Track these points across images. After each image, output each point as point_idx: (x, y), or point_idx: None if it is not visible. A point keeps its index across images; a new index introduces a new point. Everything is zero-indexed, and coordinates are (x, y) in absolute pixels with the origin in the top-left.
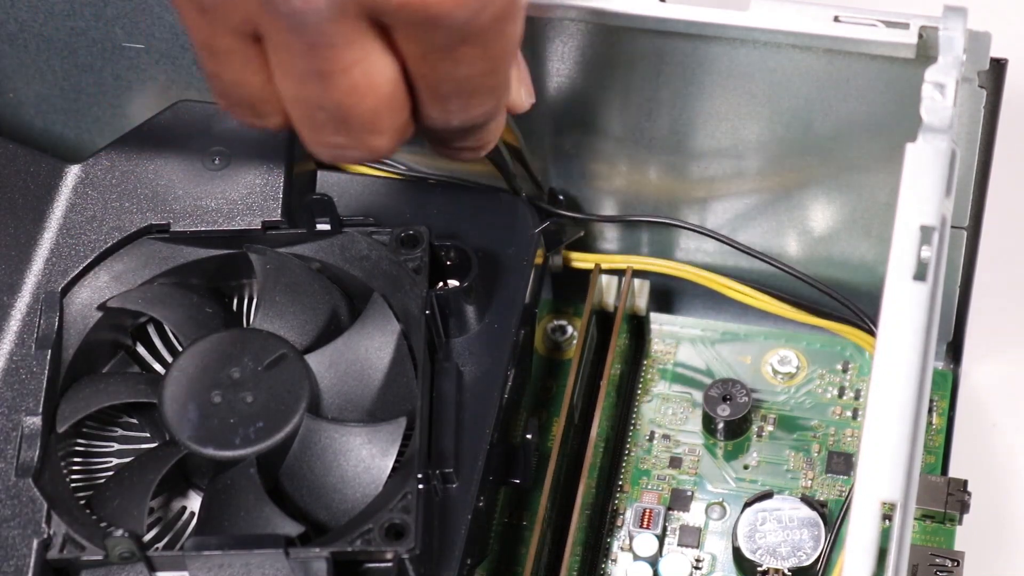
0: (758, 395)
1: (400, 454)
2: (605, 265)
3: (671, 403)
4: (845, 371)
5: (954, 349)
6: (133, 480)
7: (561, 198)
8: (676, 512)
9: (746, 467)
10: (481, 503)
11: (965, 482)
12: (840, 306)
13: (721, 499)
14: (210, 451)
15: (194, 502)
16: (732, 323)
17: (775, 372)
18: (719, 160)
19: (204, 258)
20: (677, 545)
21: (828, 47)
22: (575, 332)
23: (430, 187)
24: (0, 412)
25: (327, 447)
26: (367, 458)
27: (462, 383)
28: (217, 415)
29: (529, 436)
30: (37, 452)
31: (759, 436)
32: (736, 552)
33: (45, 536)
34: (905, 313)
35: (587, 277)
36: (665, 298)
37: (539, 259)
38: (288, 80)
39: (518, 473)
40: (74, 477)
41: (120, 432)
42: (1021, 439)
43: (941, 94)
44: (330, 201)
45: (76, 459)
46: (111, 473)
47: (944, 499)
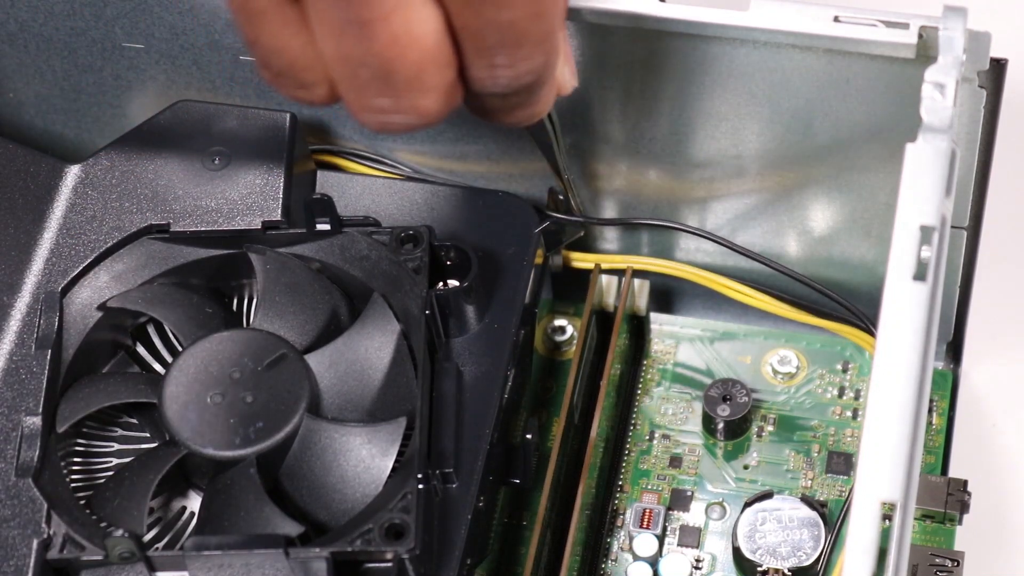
0: (758, 395)
1: (400, 454)
2: (605, 265)
3: (671, 403)
4: (845, 371)
5: (954, 349)
6: (133, 480)
7: (561, 198)
8: (676, 512)
9: (746, 467)
10: (481, 503)
11: (965, 482)
12: (840, 307)
13: (721, 499)
14: (210, 451)
15: (194, 502)
16: (732, 323)
17: (775, 372)
18: (719, 160)
19: (204, 258)
20: (677, 545)
21: (828, 47)
22: (575, 332)
23: (430, 187)
24: (0, 412)
25: (327, 447)
26: (367, 458)
27: (462, 383)
28: (217, 415)
29: (529, 436)
30: (37, 452)
31: (759, 436)
32: (736, 552)
33: (45, 536)
34: (905, 313)
35: (587, 277)
36: (665, 298)
37: (539, 259)
38: (328, 35)
39: (518, 473)
40: (74, 477)
41: (120, 432)
42: (1021, 439)
43: (941, 94)
44: (330, 201)
45: (76, 459)
46: (111, 473)
47: (944, 499)
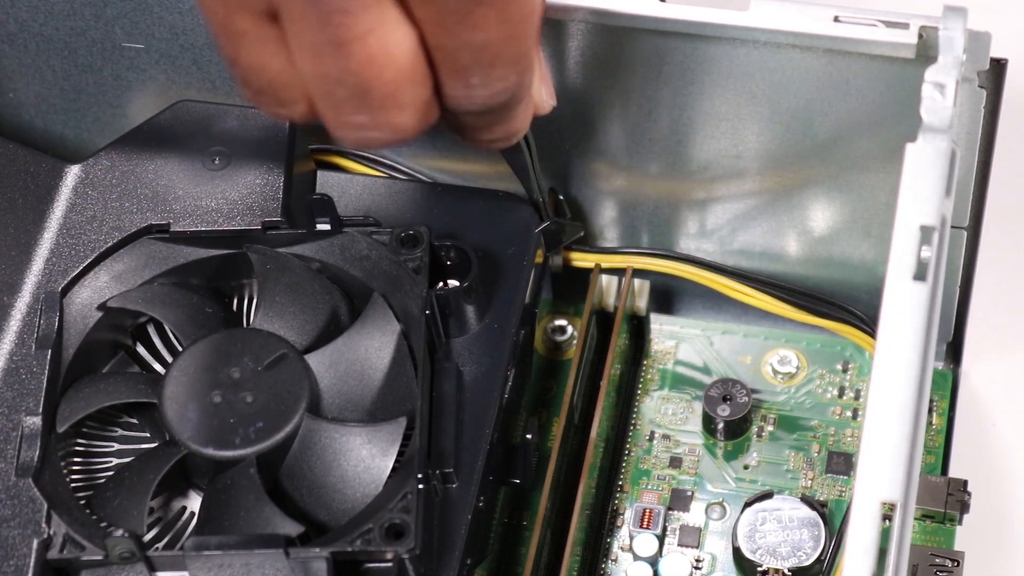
0: (758, 395)
1: (400, 454)
2: (605, 265)
3: (671, 403)
4: (845, 371)
5: (954, 349)
6: (133, 480)
7: (561, 198)
8: (676, 512)
9: (746, 467)
10: (481, 503)
11: (965, 482)
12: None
13: (721, 499)
14: (210, 451)
15: (194, 502)
16: (732, 323)
17: (775, 372)
18: (719, 160)
19: (204, 258)
20: (677, 545)
21: (828, 47)
22: (575, 332)
23: (430, 187)
24: (0, 412)
25: (327, 447)
26: (367, 458)
27: (462, 383)
28: (217, 415)
29: (529, 436)
30: (37, 452)
31: (759, 436)
32: (736, 552)
33: (45, 536)
34: (905, 313)
35: (587, 277)
36: (665, 298)
37: (539, 259)
38: (306, 55)
39: (518, 473)
40: (74, 477)
41: (120, 432)
42: (1021, 439)
43: (941, 94)
44: (330, 201)
45: (76, 459)
46: (111, 473)
47: (944, 499)
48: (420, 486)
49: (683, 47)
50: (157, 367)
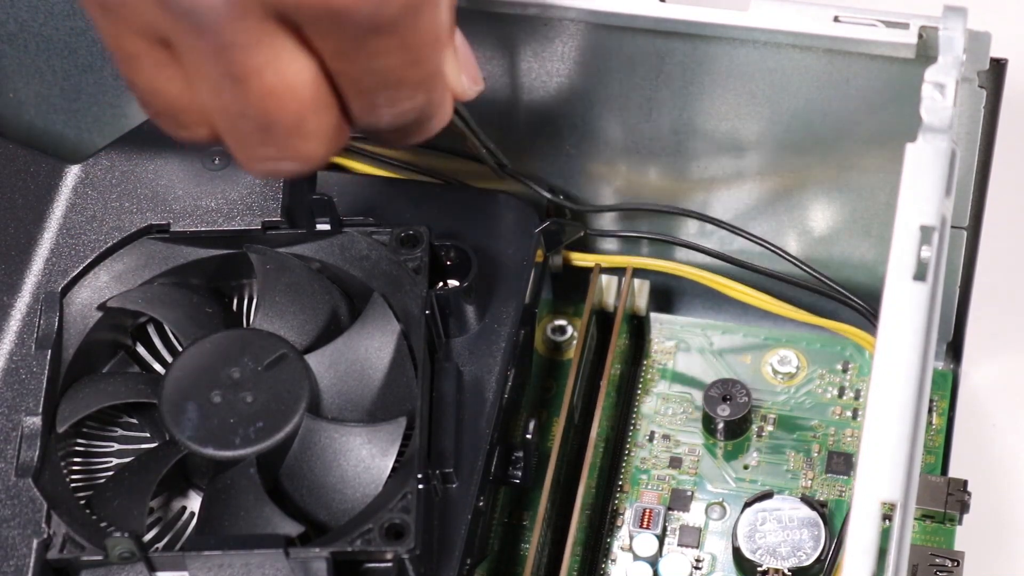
0: (758, 395)
1: (400, 454)
2: (605, 265)
3: (671, 403)
4: (845, 371)
5: (954, 349)
6: (133, 480)
7: (561, 197)
8: (676, 512)
9: (746, 467)
10: (481, 503)
11: (965, 482)
12: (840, 305)
13: (721, 499)
14: (210, 451)
15: (194, 502)
16: (732, 323)
17: (775, 372)
18: (719, 160)
19: (204, 258)
20: (677, 545)
21: (828, 47)
22: (575, 332)
23: (430, 187)
24: (0, 412)
25: (327, 447)
26: (367, 458)
27: (462, 383)
28: (217, 415)
29: (529, 436)
30: (37, 452)
31: (759, 436)
32: (736, 552)
33: (45, 536)
34: (905, 313)
35: (587, 277)
36: (665, 298)
37: (539, 259)
38: (204, 87)
39: (518, 473)
40: (74, 477)
41: (120, 432)
42: (1021, 439)
43: (941, 94)
44: (330, 201)
45: (76, 459)
46: (111, 473)
47: (944, 499)
48: (420, 486)
49: (683, 47)
50: (157, 367)
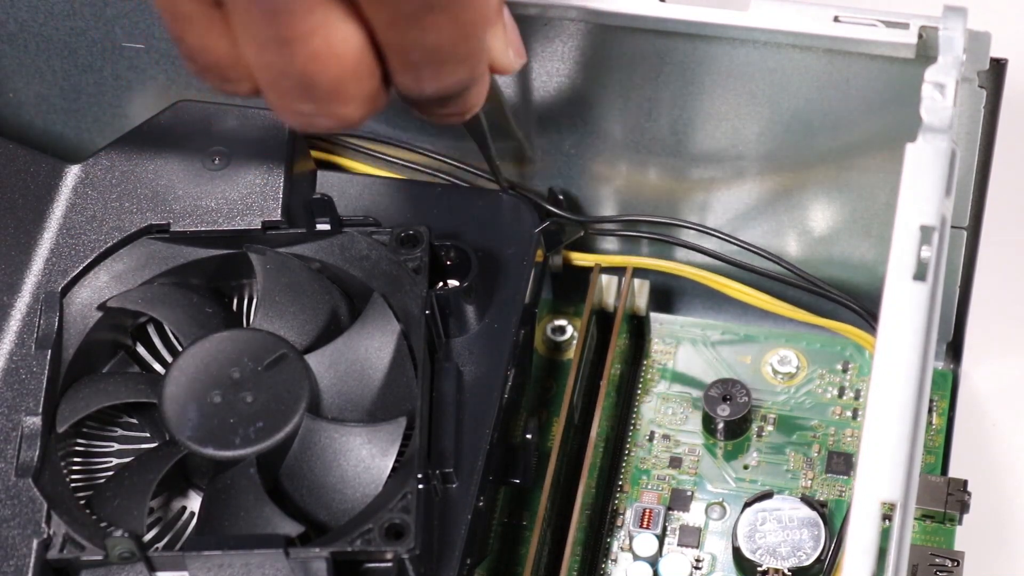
0: (758, 395)
1: (400, 454)
2: (605, 264)
3: (671, 403)
4: (845, 371)
5: (954, 349)
6: (133, 480)
7: (561, 198)
8: (676, 512)
9: (746, 467)
10: (481, 503)
11: (965, 482)
12: (839, 306)
13: (721, 499)
14: (210, 451)
15: (194, 502)
16: (732, 323)
17: (775, 372)
18: (719, 160)
19: (204, 258)
20: (677, 545)
21: (828, 47)
22: (575, 332)
23: (430, 187)
24: (0, 412)
25: (327, 447)
26: (367, 458)
27: (462, 383)
28: (217, 415)
29: (529, 436)
30: (37, 452)
31: (759, 436)
32: (736, 552)
33: (45, 536)
34: (905, 313)
35: (587, 277)
36: (665, 298)
37: (539, 259)
38: (250, 46)
39: (518, 473)
40: (74, 477)
41: (120, 432)
42: (1021, 439)
43: (941, 94)
44: (330, 201)
45: (76, 459)
46: (111, 473)
47: (944, 499)
48: (420, 486)
49: (683, 47)
50: (157, 367)
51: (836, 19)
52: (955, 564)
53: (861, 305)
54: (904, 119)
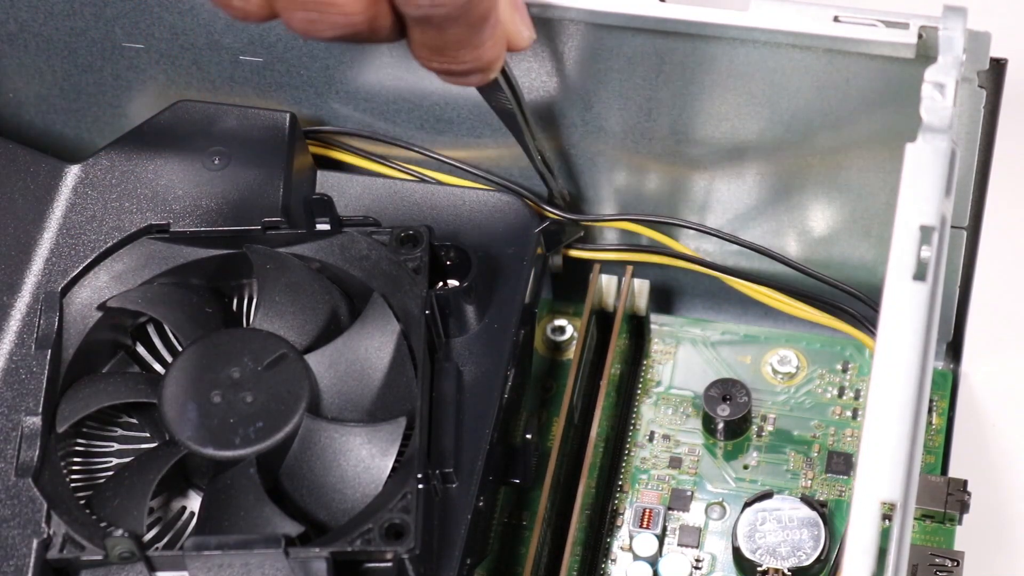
0: (758, 395)
1: (400, 454)
2: (604, 258)
3: (671, 403)
4: (845, 371)
5: (954, 349)
6: (133, 480)
7: (560, 197)
8: (676, 512)
9: (746, 467)
10: (481, 503)
11: (965, 482)
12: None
13: (721, 499)
14: (210, 451)
15: (194, 502)
16: (732, 323)
17: (775, 372)
18: (719, 160)
19: (204, 258)
20: (677, 545)
21: (828, 47)
22: (575, 332)
23: (430, 187)
24: (0, 412)
25: (327, 447)
26: (367, 458)
27: (462, 383)
28: (217, 415)
29: (529, 436)
30: (37, 452)
31: (759, 436)
32: (736, 552)
33: (45, 536)
34: (905, 313)
35: (587, 277)
36: (665, 298)
37: (539, 259)
38: None
39: (518, 473)
40: (74, 477)
41: (120, 432)
42: (1021, 439)
43: (941, 94)
44: (330, 201)
45: (76, 459)
46: (111, 473)
47: (944, 499)
48: (420, 486)
49: (683, 47)
50: (157, 367)
51: (836, 19)
52: (955, 564)
53: (859, 292)
54: (904, 119)
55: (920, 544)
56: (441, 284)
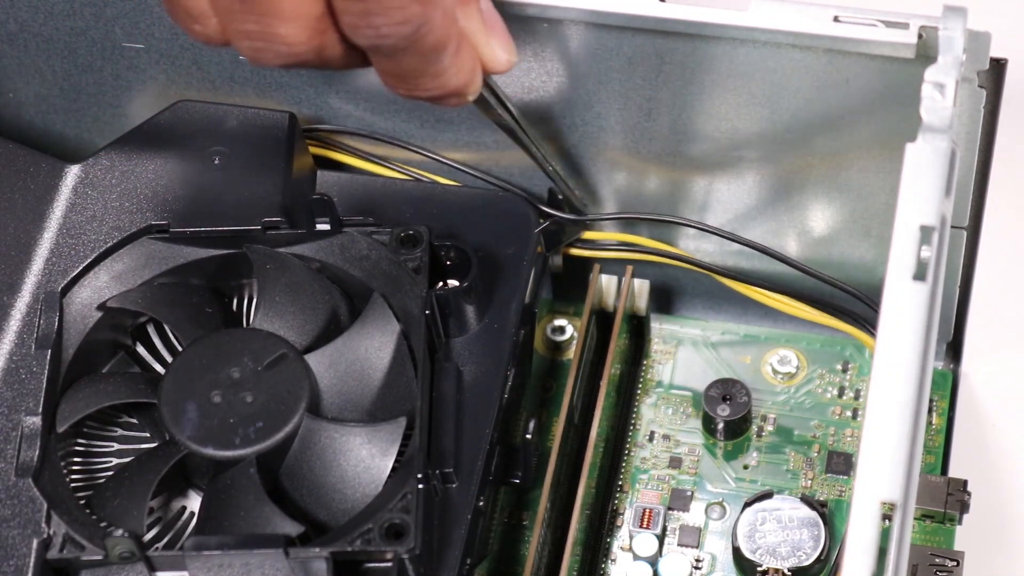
0: (758, 395)
1: (400, 454)
2: (604, 257)
3: (671, 403)
4: (845, 371)
5: (954, 349)
6: (133, 480)
7: (561, 197)
8: (676, 512)
9: (746, 467)
10: (481, 503)
11: (965, 482)
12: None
13: (721, 499)
14: (210, 451)
15: (194, 502)
16: (732, 323)
17: (775, 372)
18: (719, 160)
19: (204, 258)
20: (677, 545)
21: (828, 47)
22: (575, 332)
23: (430, 187)
24: (0, 412)
25: (327, 447)
26: (367, 458)
27: (462, 383)
28: (217, 415)
29: (529, 436)
30: (37, 452)
31: (759, 436)
32: (736, 552)
33: (45, 536)
34: (905, 313)
35: (587, 277)
36: (665, 298)
37: (539, 259)
38: None
39: (518, 473)
40: (74, 477)
41: (120, 432)
42: (1021, 439)
43: (941, 94)
44: (330, 201)
45: (76, 459)
46: (111, 473)
47: (944, 499)
48: (420, 486)
49: (683, 47)
50: (157, 367)
51: (836, 19)
52: (955, 564)
53: (858, 292)
54: (904, 119)
55: (920, 544)
56: (441, 284)
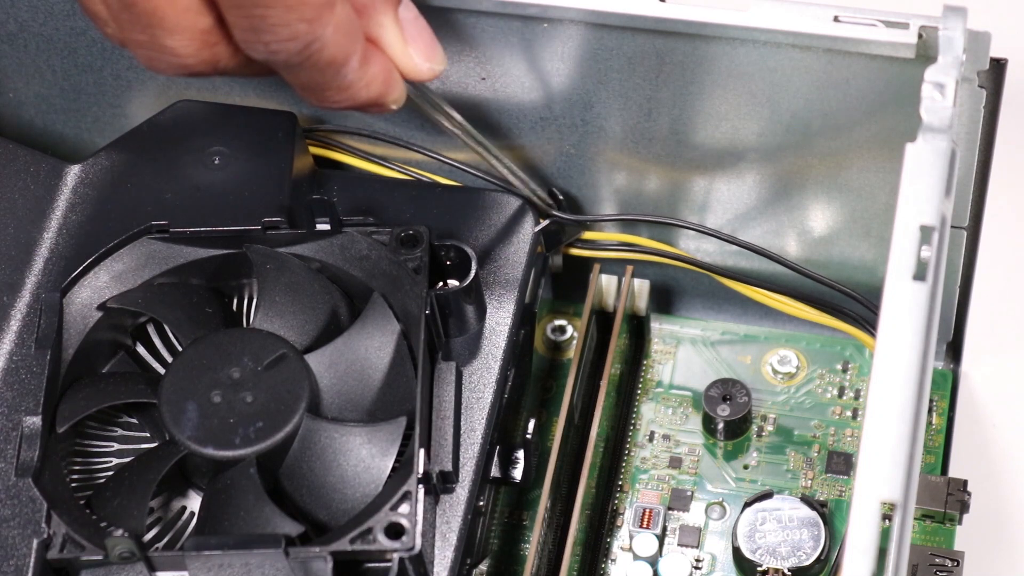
0: (758, 395)
1: (400, 454)
2: (603, 257)
3: (671, 403)
4: (845, 371)
5: (954, 349)
6: (133, 480)
7: (561, 197)
8: (676, 512)
9: (746, 467)
10: (481, 503)
11: (965, 482)
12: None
13: (721, 499)
14: (210, 451)
15: (194, 502)
16: (732, 323)
17: (775, 372)
18: (719, 160)
19: (204, 258)
20: (677, 545)
21: (828, 47)
22: (575, 332)
23: (430, 187)
24: (0, 412)
25: (327, 447)
26: (367, 458)
27: (462, 383)
28: (217, 415)
29: (529, 436)
30: (37, 452)
31: (759, 436)
32: (736, 552)
33: (45, 536)
34: (905, 313)
35: (587, 277)
36: (665, 298)
37: (538, 259)
38: None
39: (518, 473)
40: (74, 477)
41: (120, 432)
42: (1021, 439)
43: (941, 94)
44: (330, 201)
45: (76, 459)
46: (111, 473)
47: (944, 499)
48: (420, 486)
49: (683, 47)
50: (157, 367)
51: (836, 19)
52: (955, 564)
53: (859, 295)
54: (904, 119)
55: (920, 544)
56: (441, 284)
